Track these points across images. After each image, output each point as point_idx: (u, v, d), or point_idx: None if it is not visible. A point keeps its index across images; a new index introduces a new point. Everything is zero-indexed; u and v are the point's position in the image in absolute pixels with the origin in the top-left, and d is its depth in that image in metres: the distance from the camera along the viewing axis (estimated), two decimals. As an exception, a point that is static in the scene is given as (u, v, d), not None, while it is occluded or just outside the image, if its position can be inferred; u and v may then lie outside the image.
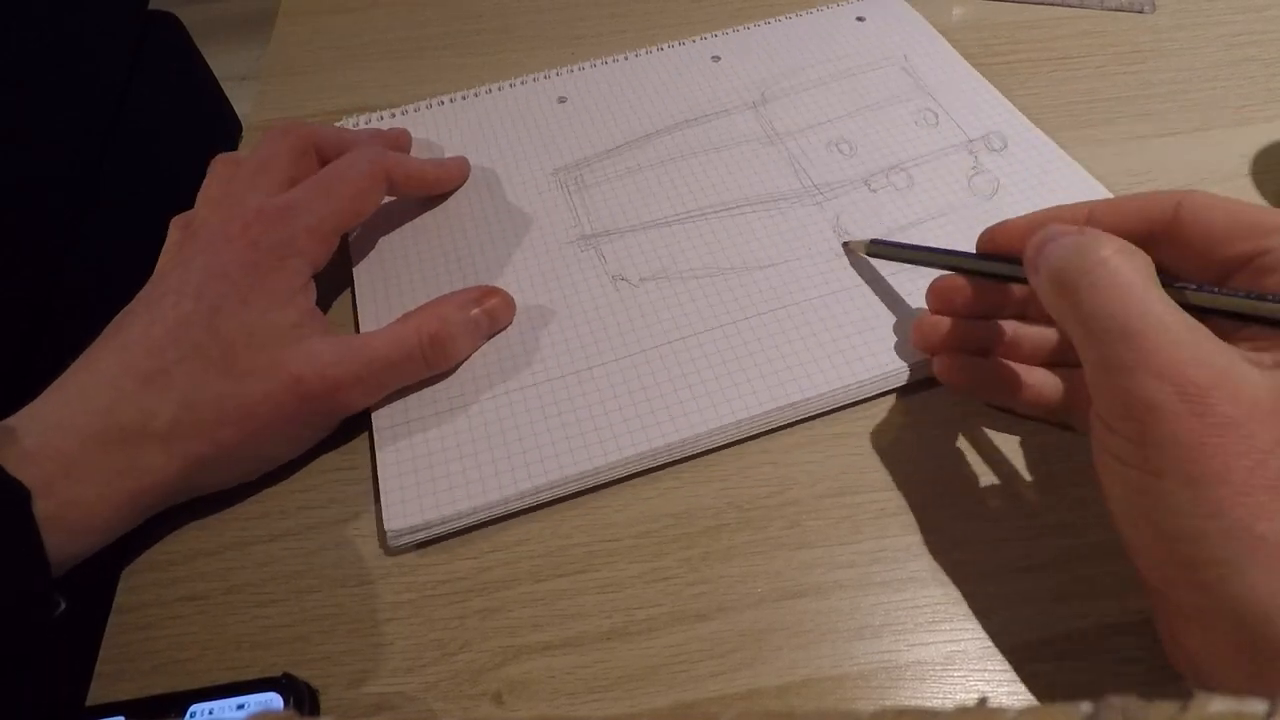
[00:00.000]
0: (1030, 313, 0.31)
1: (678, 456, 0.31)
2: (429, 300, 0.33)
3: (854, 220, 0.37)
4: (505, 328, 0.34)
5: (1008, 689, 0.25)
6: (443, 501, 0.29)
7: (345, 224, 0.33)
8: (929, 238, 0.36)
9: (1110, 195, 0.35)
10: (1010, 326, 0.31)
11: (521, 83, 0.45)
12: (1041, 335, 0.31)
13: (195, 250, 0.31)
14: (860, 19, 0.47)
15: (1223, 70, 0.44)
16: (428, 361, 0.32)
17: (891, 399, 0.32)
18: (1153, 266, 0.23)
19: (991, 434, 0.31)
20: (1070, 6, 0.48)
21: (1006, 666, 0.26)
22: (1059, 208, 0.28)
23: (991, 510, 0.29)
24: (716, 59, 0.46)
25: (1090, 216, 0.27)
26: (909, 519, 0.29)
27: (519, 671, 0.26)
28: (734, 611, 0.27)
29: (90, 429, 0.27)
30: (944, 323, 0.30)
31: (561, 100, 0.44)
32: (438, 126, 0.43)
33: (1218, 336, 0.22)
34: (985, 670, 0.26)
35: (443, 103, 0.45)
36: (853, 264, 0.35)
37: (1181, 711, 0.12)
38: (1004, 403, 0.31)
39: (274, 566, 0.29)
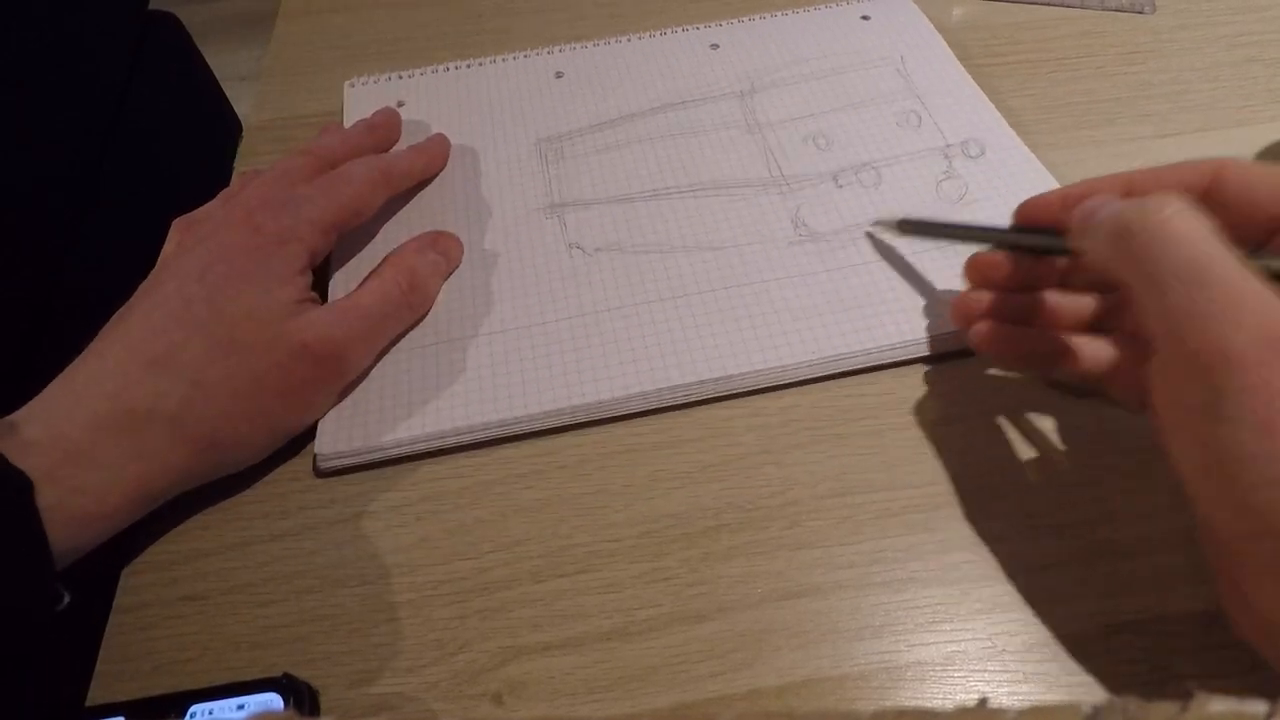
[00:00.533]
0: (1070, 283, 0.31)
1: (596, 417, 0.32)
2: (388, 255, 0.35)
3: (813, 213, 0.38)
4: (457, 266, 0.37)
5: (1008, 689, 0.25)
6: (372, 433, 0.31)
7: (345, 220, 0.34)
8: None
9: None
10: (1050, 297, 0.30)
11: (525, 56, 0.47)
12: (1082, 304, 0.30)
13: (198, 238, 0.32)
14: (865, 18, 0.47)
15: (1223, 71, 0.44)
16: (411, 306, 0.34)
17: (890, 400, 0.32)
18: (1213, 223, 0.23)
19: (992, 435, 0.31)
20: (1070, 7, 0.48)
21: (1007, 667, 0.26)
22: (1098, 179, 0.28)
23: (992, 511, 0.29)
24: (715, 47, 0.46)
25: (1129, 187, 0.27)
26: (909, 519, 0.29)
27: (519, 672, 0.26)
28: (734, 612, 0.27)
29: (96, 415, 0.27)
30: (985, 297, 0.30)
31: (559, 75, 0.45)
32: (437, 91, 0.45)
33: None
34: (985, 670, 0.26)
35: (448, 69, 0.46)
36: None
37: (1181, 711, 0.12)
38: (1044, 370, 0.31)
39: (274, 566, 0.29)
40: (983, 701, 0.14)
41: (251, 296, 0.30)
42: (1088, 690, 0.25)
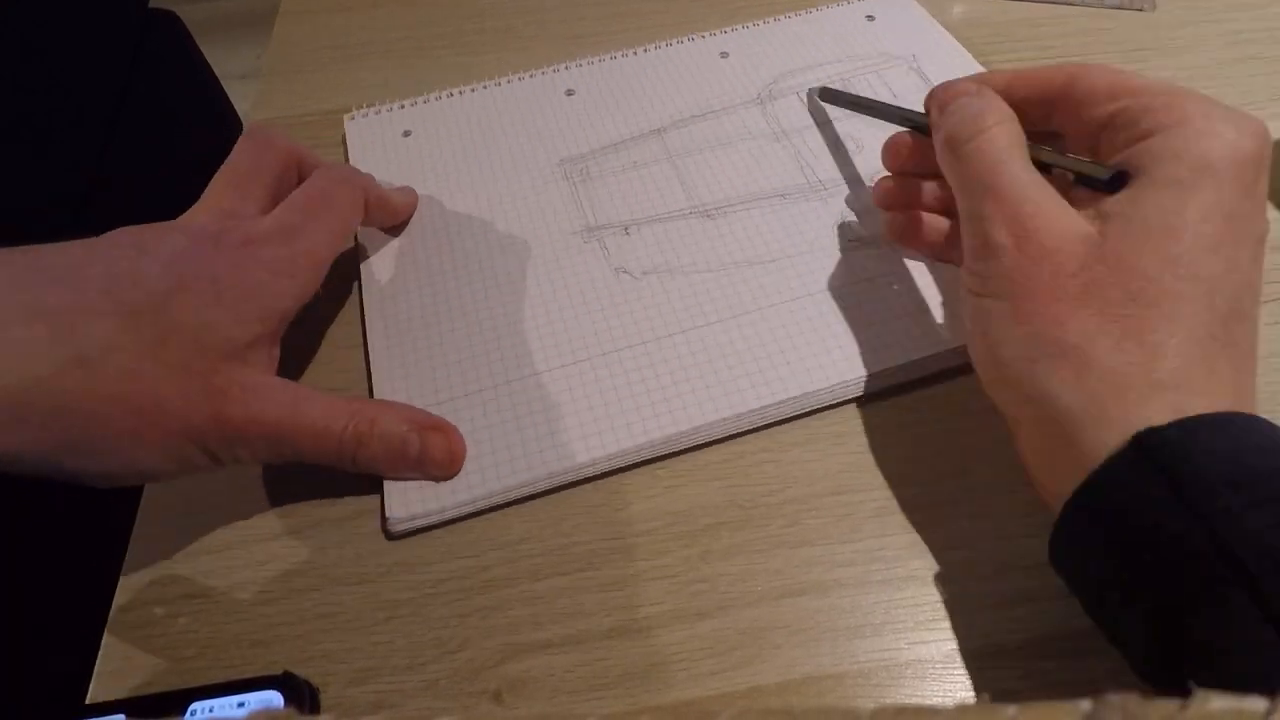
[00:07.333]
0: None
1: (674, 449, 0.31)
2: (383, 397, 0.32)
3: (857, 216, 0.37)
4: (438, 472, 0.30)
5: (1008, 687, 0.25)
6: (443, 492, 0.30)
7: (338, 249, 0.32)
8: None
9: None
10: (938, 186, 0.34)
11: (530, 76, 0.46)
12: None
13: (178, 231, 0.28)
14: (870, 17, 0.47)
15: (1224, 69, 0.44)
16: (342, 454, 0.29)
17: (890, 397, 0.32)
18: (1023, 137, 0.27)
19: (990, 432, 0.31)
20: (1071, 5, 0.48)
21: (1007, 665, 0.26)
22: (989, 74, 0.32)
23: (992, 508, 0.29)
24: (725, 55, 0.46)
25: (1009, 84, 0.30)
26: (909, 517, 0.29)
27: (519, 669, 0.26)
28: (734, 609, 0.27)
29: None
30: (892, 181, 0.34)
31: (570, 93, 0.44)
32: (444, 117, 0.44)
33: (1070, 192, 0.26)
34: (985, 668, 0.26)
35: (451, 95, 0.45)
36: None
37: (1181, 710, 0.12)
38: (930, 255, 0.35)
39: (274, 565, 0.29)
40: (982, 699, 0.14)
41: (211, 316, 0.26)
42: (1088, 688, 0.25)
